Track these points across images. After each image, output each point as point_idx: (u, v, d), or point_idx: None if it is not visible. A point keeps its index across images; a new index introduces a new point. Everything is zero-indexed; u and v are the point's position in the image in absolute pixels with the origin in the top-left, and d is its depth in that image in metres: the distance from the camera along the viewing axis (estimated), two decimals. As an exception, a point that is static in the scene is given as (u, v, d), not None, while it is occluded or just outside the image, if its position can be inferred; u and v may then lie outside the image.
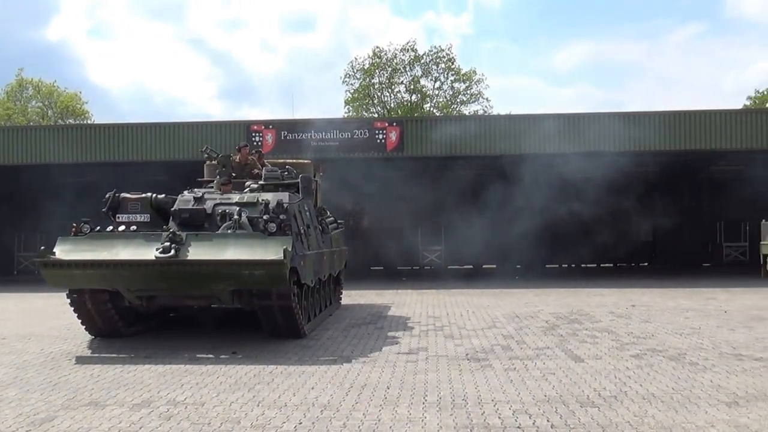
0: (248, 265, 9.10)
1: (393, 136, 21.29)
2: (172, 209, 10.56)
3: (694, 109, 20.89)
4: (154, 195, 10.69)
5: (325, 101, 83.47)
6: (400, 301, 16.28)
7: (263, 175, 11.99)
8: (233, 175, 12.07)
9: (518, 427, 5.71)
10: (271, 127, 21.31)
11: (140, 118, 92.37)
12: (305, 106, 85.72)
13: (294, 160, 14.36)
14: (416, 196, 26.50)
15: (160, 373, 8.02)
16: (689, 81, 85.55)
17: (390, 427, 5.77)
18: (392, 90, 52.88)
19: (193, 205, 10.61)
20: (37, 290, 18.00)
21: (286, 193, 11.17)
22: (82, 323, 10.42)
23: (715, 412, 6.09)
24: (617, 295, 16.93)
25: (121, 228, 10.02)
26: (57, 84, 50.68)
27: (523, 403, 6.50)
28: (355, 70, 51.81)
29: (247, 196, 10.88)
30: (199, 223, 10.23)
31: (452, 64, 52.29)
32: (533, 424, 5.80)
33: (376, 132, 21.46)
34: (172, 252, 9.08)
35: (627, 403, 6.41)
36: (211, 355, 9.14)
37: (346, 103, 52.20)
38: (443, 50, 52.20)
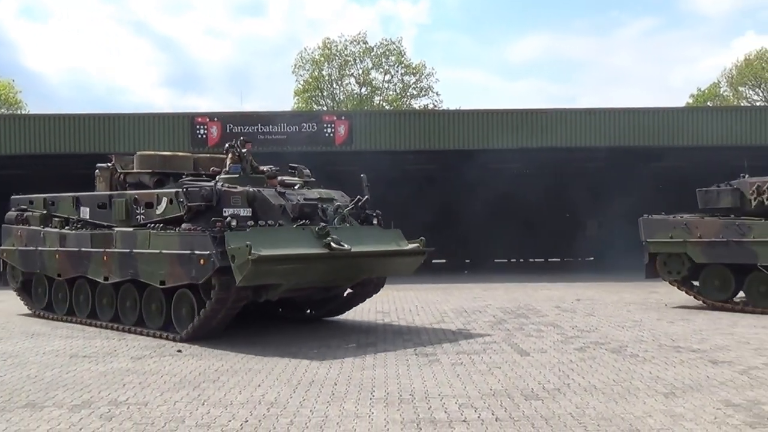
0: (406, 254, 10.79)
1: (342, 129, 21.11)
2: (294, 203, 10.44)
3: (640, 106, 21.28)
4: (249, 188, 10.42)
5: (276, 90, 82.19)
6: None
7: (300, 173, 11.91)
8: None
9: (463, 421, 5.76)
10: (216, 119, 20.94)
11: (79, 106, 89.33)
12: (254, 95, 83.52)
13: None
14: None
15: (101, 373, 7.87)
16: (640, 76, 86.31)
17: (337, 423, 5.77)
18: (342, 82, 52.73)
19: (300, 200, 10.61)
20: None
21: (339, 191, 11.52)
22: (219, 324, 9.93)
23: (653, 403, 6.25)
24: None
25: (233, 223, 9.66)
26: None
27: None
28: (304, 61, 51.57)
29: (323, 192, 11.20)
30: (310, 217, 10.35)
31: (402, 56, 52.40)
32: (478, 417, 5.86)
33: (325, 126, 21.24)
34: (345, 246, 9.73)
35: (570, 395, 6.53)
36: (154, 354, 9.01)
37: (296, 94, 51.84)
38: (393, 43, 52.35)
